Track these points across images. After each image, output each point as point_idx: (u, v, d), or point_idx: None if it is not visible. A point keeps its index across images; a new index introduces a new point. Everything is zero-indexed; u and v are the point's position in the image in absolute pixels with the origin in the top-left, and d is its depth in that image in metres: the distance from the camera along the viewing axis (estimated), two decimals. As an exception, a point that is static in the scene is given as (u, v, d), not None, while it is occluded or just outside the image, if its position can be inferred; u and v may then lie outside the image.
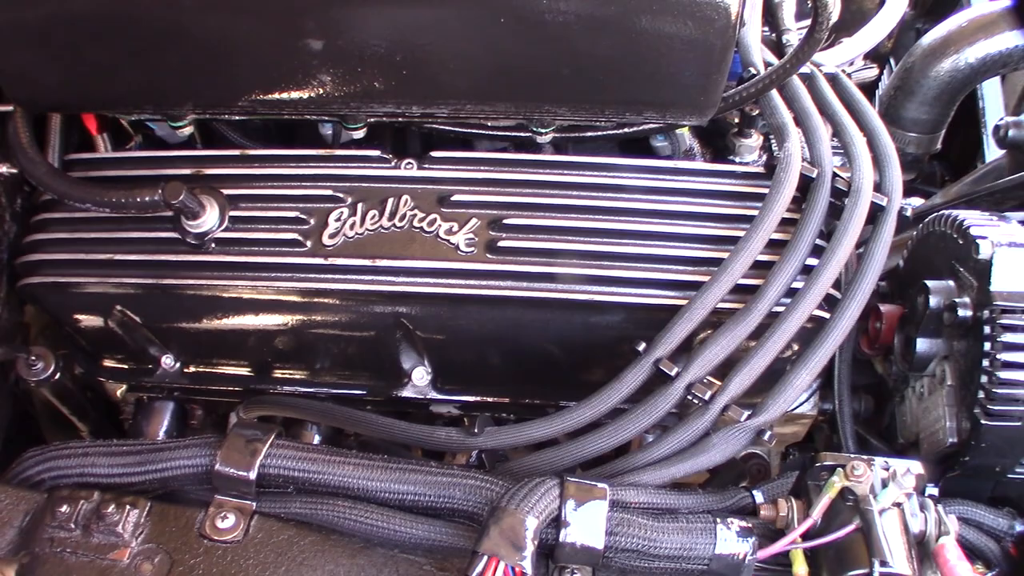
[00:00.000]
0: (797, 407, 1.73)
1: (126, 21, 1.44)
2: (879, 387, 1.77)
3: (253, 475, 1.35)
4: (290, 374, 1.75)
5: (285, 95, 1.50)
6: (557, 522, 1.28)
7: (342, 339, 1.66)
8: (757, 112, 1.76)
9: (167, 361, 1.74)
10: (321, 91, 1.49)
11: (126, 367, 1.78)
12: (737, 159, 1.83)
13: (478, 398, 1.72)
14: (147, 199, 1.52)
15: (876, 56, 2.28)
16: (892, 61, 2.32)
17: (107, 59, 1.49)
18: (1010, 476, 1.52)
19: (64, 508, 1.34)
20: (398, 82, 1.47)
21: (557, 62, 1.44)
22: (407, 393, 1.70)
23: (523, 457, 1.52)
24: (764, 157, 1.83)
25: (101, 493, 1.37)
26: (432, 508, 1.35)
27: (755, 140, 1.82)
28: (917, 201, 2.04)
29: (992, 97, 2.23)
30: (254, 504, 1.37)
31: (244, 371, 1.76)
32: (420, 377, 1.69)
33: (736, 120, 1.83)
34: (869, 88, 2.21)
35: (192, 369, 1.76)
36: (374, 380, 1.73)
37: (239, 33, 1.44)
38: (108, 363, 1.78)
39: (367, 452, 1.62)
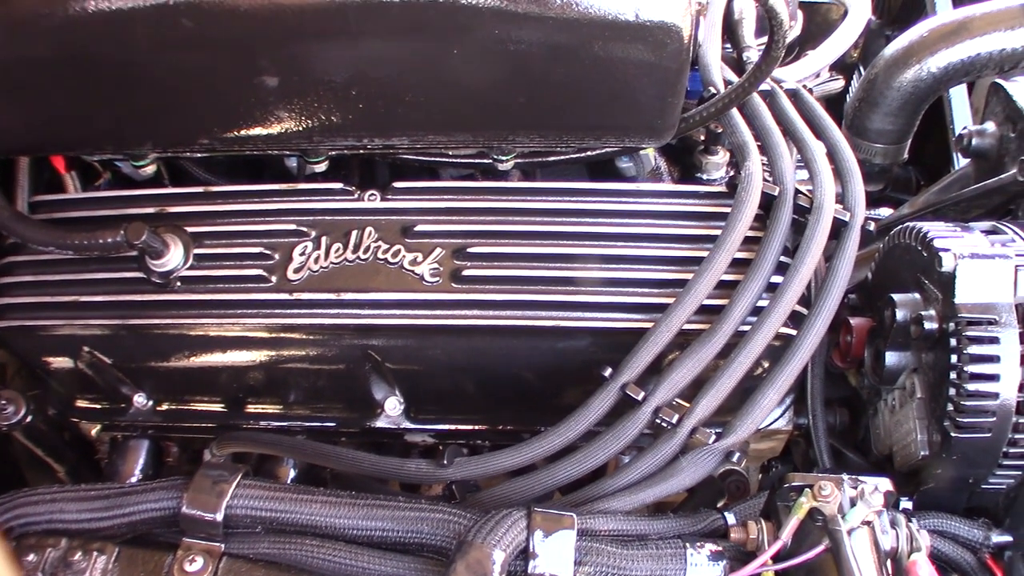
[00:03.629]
0: (772, 423, 1.72)
1: (81, 64, 1.44)
2: (854, 400, 1.77)
3: (220, 516, 1.34)
4: (263, 409, 1.74)
5: (243, 132, 1.50)
6: (525, 554, 1.27)
7: (312, 373, 1.66)
8: (722, 129, 1.76)
9: (139, 400, 1.74)
10: (279, 127, 1.49)
11: (99, 407, 1.77)
12: (705, 176, 1.84)
13: (452, 426, 1.71)
14: (110, 240, 1.53)
15: (844, 66, 2.29)
16: (861, 69, 2.33)
17: (64, 102, 1.48)
18: (984, 487, 1.51)
19: (31, 557, 1.33)
20: (355, 116, 1.47)
21: (513, 91, 1.44)
22: (380, 424, 1.70)
23: (493, 487, 1.51)
24: (732, 173, 1.83)
25: (68, 540, 1.36)
26: (400, 543, 1.34)
27: (721, 157, 1.82)
28: (886, 211, 2.04)
29: (959, 104, 2.24)
30: (222, 546, 1.36)
31: (217, 407, 1.75)
32: (393, 407, 1.69)
33: (702, 138, 1.83)
34: (837, 99, 2.21)
35: (165, 407, 1.75)
36: (347, 412, 1.73)
37: (194, 72, 1.44)
38: (81, 403, 1.78)
39: (342, 485, 1.62)
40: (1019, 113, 1.70)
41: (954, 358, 1.42)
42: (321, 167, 1.68)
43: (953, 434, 1.43)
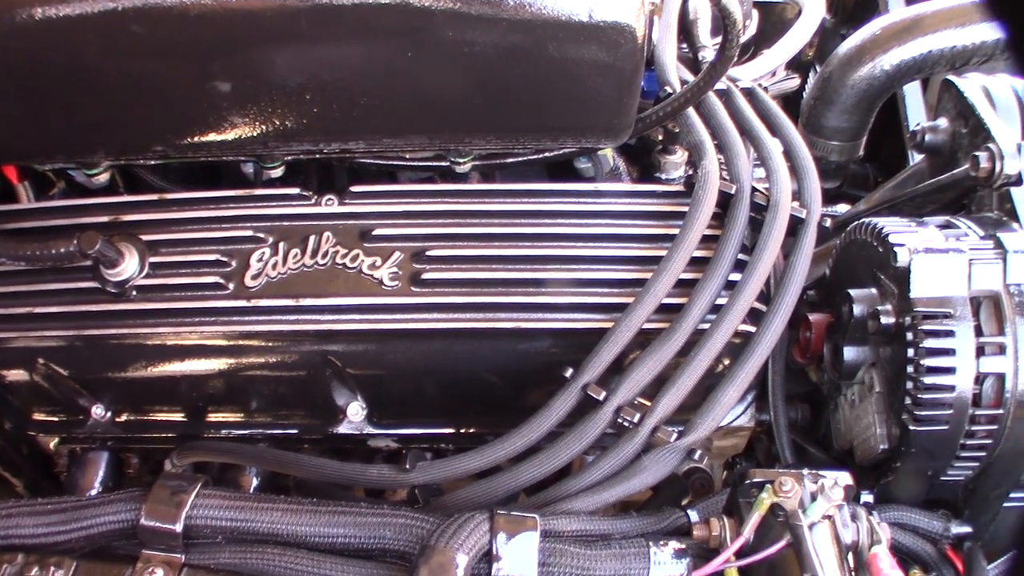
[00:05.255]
0: (734, 420, 1.73)
1: (30, 72, 1.43)
2: (815, 395, 1.78)
3: (179, 527, 1.32)
4: (224, 417, 1.72)
5: (197, 139, 1.49)
6: (489, 557, 1.27)
7: (273, 380, 1.64)
8: (679, 129, 1.77)
9: (97, 411, 1.71)
10: (233, 133, 1.48)
11: (56, 419, 1.74)
12: (663, 175, 1.84)
13: (416, 430, 1.70)
14: (63, 250, 1.51)
15: (800, 65, 2.30)
16: (817, 68, 2.35)
17: (14, 111, 1.47)
18: (943, 478, 1.53)
19: (-13, 573, 1.31)
20: (310, 120, 1.46)
21: (468, 93, 1.44)
22: (343, 429, 1.68)
23: (457, 490, 1.51)
24: (690, 172, 1.84)
25: (25, 555, 1.33)
26: (364, 549, 1.33)
27: (680, 156, 1.82)
28: (843, 207, 2.06)
29: (914, 101, 2.26)
30: (183, 557, 1.34)
31: (177, 417, 1.73)
32: (355, 413, 1.67)
33: (660, 137, 1.84)
34: (793, 98, 2.23)
35: (124, 418, 1.72)
36: (309, 418, 1.71)
37: (145, 79, 1.43)
38: (38, 416, 1.74)
39: (306, 492, 1.61)
40: (970, 109, 1.72)
41: (910, 352, 1.44)
42: (278, 172, 1.67)
43: (911, 427, 1.45)
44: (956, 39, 1.90)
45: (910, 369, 1.44)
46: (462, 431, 1.71)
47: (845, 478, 1.35)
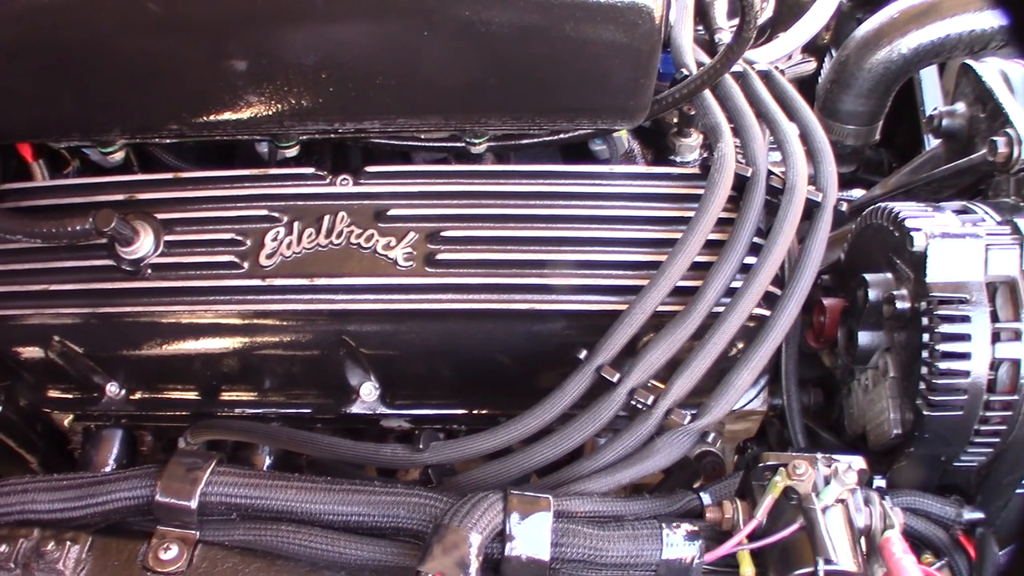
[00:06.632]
0: (746, 404, 1.73)
1: (46, 49, 1.42)
2: (828, 380, 1.78)
3: (194, 504, 1.33)
4: (237, 396, 1.73)
5: (212, 117, 1.49)
6: (502, 536, 1.28)
7: (286, 359, 1.65)
8: (695, 111, 1.76)
9: (112, 389, 1.72)
10: (249, 112, 1.47)
11: (71, 396, 1.75)
12: (678, 158, 1.84)
13: (428, 411, 1.70)
14: (78, 228, 1.51)
15: (815, 48, 2.29)
16: (833, 51, 2.34)
17: (28, 88, 1.47)
18: (956, 464, 1.53)
19: (3, 548, 1.32)
20: (326, 100, 1.46)
21: (484, 73, 1.44)
22: (356, 409, 1.68)
23: (470, 471, 1.51)
24: (705, 155, 1.83)
25: (41, 530, 1.35)
26: (377, 528, 1.34)
27: (695, 139, 1.82)
28: (858, 192, 2.05)
29: (930, 86, 2.25)
30: (197, 533, 1.35)
31: (190, 395, 1.73)
32: (368, 393, 1.67)
33: (675, 120, 1.83)
34: (808, 81, 2.22)
35: (138, 395, 1.73)
36: (322, 398, 1.71)
37: (161, 57, 1.43)
38: (53, 393, 1.75)
39: (318, 471, 1.62)
40: (988, 94, 1.71)
41: (926, 337, 1.44)
42: (292, 152, 1.67)
43: (925, 412, 1.45)
44: (974, 23, 1.89)
45: (925, 354, 1.44)
46: (475, 412, 1.71)
47: (859, 462, 1.35)
